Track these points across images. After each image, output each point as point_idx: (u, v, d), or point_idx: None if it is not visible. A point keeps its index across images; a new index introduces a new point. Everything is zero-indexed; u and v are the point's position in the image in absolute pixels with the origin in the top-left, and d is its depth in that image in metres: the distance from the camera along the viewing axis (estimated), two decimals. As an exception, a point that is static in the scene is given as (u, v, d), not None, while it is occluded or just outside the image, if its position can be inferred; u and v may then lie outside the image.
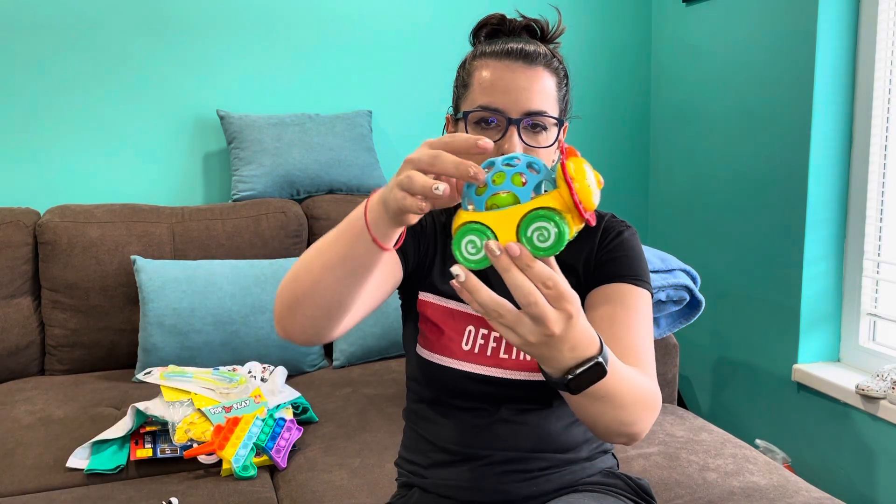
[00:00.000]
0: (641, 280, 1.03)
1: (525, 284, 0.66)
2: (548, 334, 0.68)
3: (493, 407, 1.03)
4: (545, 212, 0.67)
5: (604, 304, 1.00)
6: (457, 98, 1.04)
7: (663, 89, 2.78)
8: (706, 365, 2.61)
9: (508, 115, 0.94)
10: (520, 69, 0.96)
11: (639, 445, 1.62)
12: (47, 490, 1.48)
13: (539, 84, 0.96)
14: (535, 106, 0.95)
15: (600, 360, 0.74)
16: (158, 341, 1.93)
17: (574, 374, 0.73)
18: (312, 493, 1.45)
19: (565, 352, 0.71)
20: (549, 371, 0.75)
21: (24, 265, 2.04)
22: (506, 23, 1.03)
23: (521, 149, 0.94)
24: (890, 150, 2.04)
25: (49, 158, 2.29)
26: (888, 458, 1.95)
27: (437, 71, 2.62)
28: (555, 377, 0.75)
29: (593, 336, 0.74)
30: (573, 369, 0.73)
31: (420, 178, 0.68)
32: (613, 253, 1.04)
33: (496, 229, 0.68)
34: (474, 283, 0.68)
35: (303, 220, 2.24)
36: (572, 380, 0.73)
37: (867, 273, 2.09)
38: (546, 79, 0.97)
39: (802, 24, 2.10)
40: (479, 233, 0.69)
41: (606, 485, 1.09)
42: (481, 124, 0.96)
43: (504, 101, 0.95)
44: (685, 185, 2.69)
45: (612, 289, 1.01)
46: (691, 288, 1.82)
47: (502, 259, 0.66)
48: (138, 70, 2.34)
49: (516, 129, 0.94)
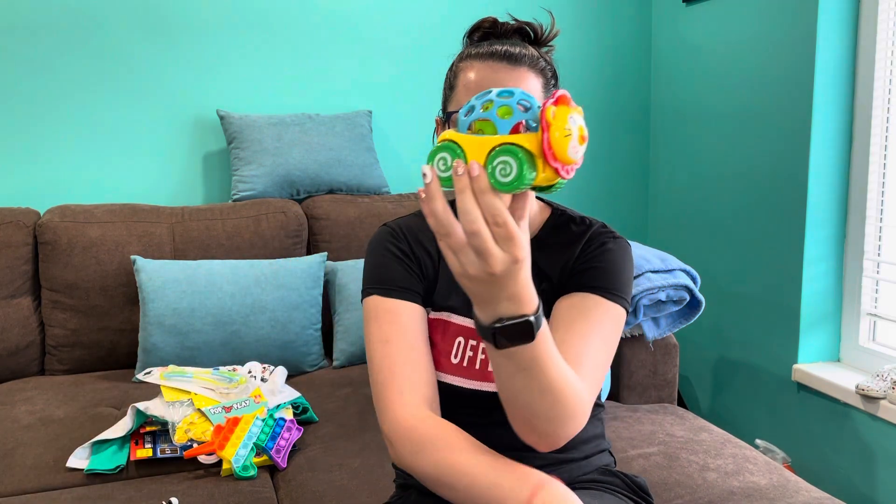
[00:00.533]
0: (614, 294, 0.99)
1: (472, 211, 0.67)
2: (489, 272, 0.68)
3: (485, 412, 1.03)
4: (514, 148, 0.67)
5: (566, 310, 0.97)
6: (445, 100, 1.03)
7: (663, 89, 2.78)
8: (706, 365, 2.61)
9: None
10: (503, 70, 0.95)
11: (639, 445, 1.62)
12: (47, 490, 1.48)
13: (523, 85, 0.95)
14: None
15: (531, 319, 0.73)
16: (158, 341, 1.93)
17: (502, 324, 0.73)
18: (312, 493, 1.45)
19: (502, 299, 0.72)
20: (481, 315, 0.75)
21: (24, 265, 2.04)
22: (498, 26, 1.03)
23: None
24: (890, 150, 2.04)
25: (49, 158, 2.29)
26: (888, 458, 1.95)
27: (438, 71, 2.62)
28: (485, 323, 0.75)
29: (533, 295, 0.73)
30: (503, 319, 0.73)
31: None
32: (591, 262, 1.01)
33: (468, 152, 0.69)
34: (434, 190, 0.69)
35: (303, 220, 2.24)
36: (499, 329, 0.73)
37: (867, 273, 2.09)
38: (530, 80, 0.96)
39: (802, 24, 2.10)
40: (452, 151, 0.70)
41: (603, 482, 1.09)
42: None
43: None
44: (685, 185, 2.69)
45: (579, 297, 0.98)
46: (691, 288, 1.82)
47: (462, 179, 0.67)
48: (138, 70, 2.34)
49: None
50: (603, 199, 2.85)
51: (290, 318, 2.02)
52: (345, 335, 2.09)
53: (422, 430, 0.92)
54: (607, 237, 1.04)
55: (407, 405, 0.95)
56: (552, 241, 1.05)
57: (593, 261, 1.01)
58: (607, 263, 1.01)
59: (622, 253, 1.03)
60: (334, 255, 2.23)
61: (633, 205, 2.91)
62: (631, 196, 2.91)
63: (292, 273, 2.05)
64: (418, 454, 0.90)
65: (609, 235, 1.04)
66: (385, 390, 0.96)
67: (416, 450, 0.91)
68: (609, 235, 1.04)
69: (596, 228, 1.05)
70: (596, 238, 1.03)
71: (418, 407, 0.95)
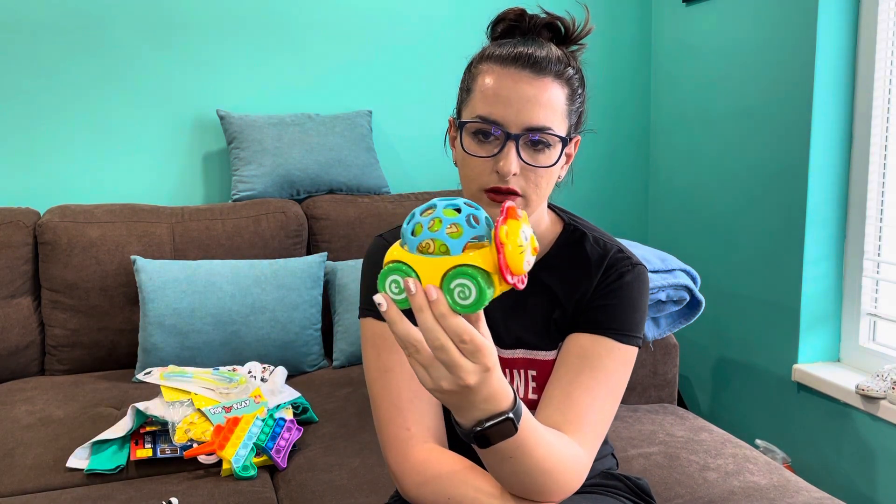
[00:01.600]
0: (628, 334, 0.95)
1: (434, 329, 0.66)
2: (462, 384, 0.68)
3: None
4: (470, 269, 0.66)
5: (575, 357, 0.94)
6: (460, 102, 0.97)
7: (663, 89, 2.78)
8: (706, 365, 2.61)
9: (507, 130, 0.87)
10: (525, 79, 0.88)
11: (639, 445, 1.62)
12: (47, 490, 1.48)
13: (546, 96, 0.88)
14: (537, 121, 0.88)
15: (511, 415, 0.73)
16: (158, 341, 1.93)
17: (483, 427, 0.72)
18: (312, 493, 1.45)
19: (478, 403, 0.71)
20: (461, 421, 0.74)
21: (24, 265, 2.04)
22: (525, 19, 0.95)
23: (517, 167, 0.88)
24: (890, 150, 2.04)
25: (49, 158, 2.29)
26: (888, 458, 1.95)
27: (437, 71, 2.62)
28: (465, 428, 0.74)
29: (508, 390, 0.73)
30: (483, 422, 0.72)
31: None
32: (607, 299, 0.96)
33: (421, 275, 0.67)
34: (393, 315, 0.68)
35: (303, 220, 2.24)
36: (480, 432, 0.73)
37: (867, 273, 2.09)
38: (554, 90, 0.89)
39: (802, 24, 2.10)
40: (403, 273, 0.68)
41: (606, 486, 1.09)
42: (479, 136, 0.90)
43: (504, 114, 0.88)
44: (685, 185, 2.69)
45: (590, 342, 0.94)
46: (691, 288, 1.82)
47: (417, 298, 0.66)
48: (138, 70, 2.34)
49: (515, 146, 0.88)
50: (603, 199, 2.85)
51: (290, 318, 2.02)
52: (345, 335, 2.09)
53: (432, 466, 0.90)
54: (625, 267, 0.97)
55: (415, 440, 0.93)
56: (564, 261, 1.00)
57: (609, 296, 0.96)
58: (623, 300, 0.96)
59: (639, 285, 0.98)
60: (334, 255, 2.23)
61: (633, 205, 2.91)
62: (631, 196, 2.91)
63: (292, 273, 2.05)
64: (424, 486, 0.89)
65: (627, 264, 0.98)
66: (390, 426, 0.94)
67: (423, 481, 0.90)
68: (627, 264, 0.98)
69: (613, 255, 0.99)
70: (613, 268, 0.97)
71: (426, 441, 0.93)
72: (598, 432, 0.91)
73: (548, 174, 0.91)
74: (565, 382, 0.91)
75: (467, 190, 0.93)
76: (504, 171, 0.88)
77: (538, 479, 0.80)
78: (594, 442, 0.90)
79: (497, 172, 0.89)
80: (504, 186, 0.89)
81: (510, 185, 0.89)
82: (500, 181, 0.89)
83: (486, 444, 0.74)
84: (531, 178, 0.90)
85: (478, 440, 0.74)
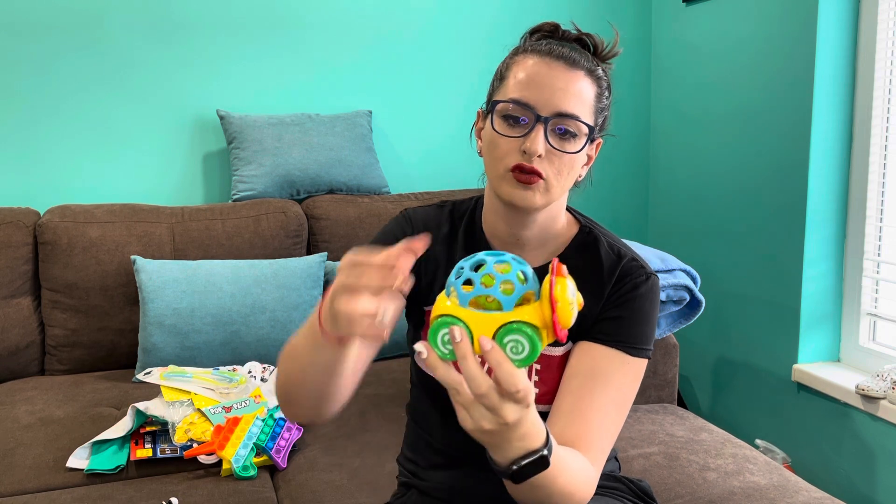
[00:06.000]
0: (639, 347, 0.96)
1: (478, 377, 0.68)
2: (503, 423, 0.69)
3: None
4: (524, 326, 0.68)
5: (585, 370, 0.94)
6: (491, 92, 0.99)
7: (663, 89, 2.78)
8: (706, 365, 2.61)
9: (538, 112, 0.90)
10: (559, 68, 0.92)
11: (639, 445, 1.62)
12: (47, 490, 1.48)
13: (577, 87, 0.92)
14: (568, 108, 0.91)
15: (545, 452, 0.74)
16: (158, 341, 1.93)
17: (519, 465, 0.74)
18: (312, 493, 1.45)
19: (514, 441, 0.72)
20: (497, 458, 0.75)
21: (24, 265, 2.04)
22: (558, 32, 1.00)
23: (544, 148, 0.90)
24: (890, 150, 2.04)
25: (49, 158, 2.29)
26: (888, 458, 1.95)
27: (437, 71, 2.62)
28: (501, 466, 0.75)
29: (541, 428, 0.75)
30: (519, 460, 0.74)
31: (358, 316, 0.69)
32: (620, 310, 0.96)
33: (473, 329, 0.69)
34: (434, 361, 0.70)
35: (303, 220, 2.24)
36: (517, 470, 0.74)
37: (867, 273, 2.09)
38: (585, 84, 0.93)
39: (802, 24, 2.10)
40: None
41: (608, 488, 1.09)
42: (508, 120, 0.92)
43: (537, 98, 0.91)
44: (685, 185, 2.69)
45: (601, 354, 0.95)
46: (691, 288, 1.82)
47: (462, 345, 0.68)
48: (138, 70, 2.34)
49: (543, 129, 0.90)
50: (603, 199, 2.85)
51: (290, 318, 2.01)
52: (345, 335, 2.09)
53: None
54: (639, 277, 0.98)
55: None
56: (577, 263, 0.99)
57: (622, 308, 0.97)
58: (635, 312, 0.97)
59: (652, 297, 0.98)
60: (334, 255, 2.23)
61: (633, 205, 2.91)
62: (631, 196, 2.91)
63: (292, 273, 2.05)
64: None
65: (641, 274, 0.98)
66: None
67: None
68: (641, 274, 0.98)
69: (627, 263, 0.99)
70: (627, 277, 0.98)
71: None
72: (606, 448, 0.92)
73: (571, 162, 0.94)
74: (577, 397, 0.92)
75: (493, 171, 0.95)
76: (531, 150, 0.90)
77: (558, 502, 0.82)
78: (602, 458, 0.92)
79: (524, 152, 0.91)
80: (528, 165, 0.91)
81: (535, 166, 0.91)
82: (526, 160, 0.91)
83: (521, 480, 0.75)
84: (555, 162, 0.92)
85: (512, 477, 0.75)
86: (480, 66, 2.62)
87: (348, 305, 0.69)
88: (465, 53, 2.64)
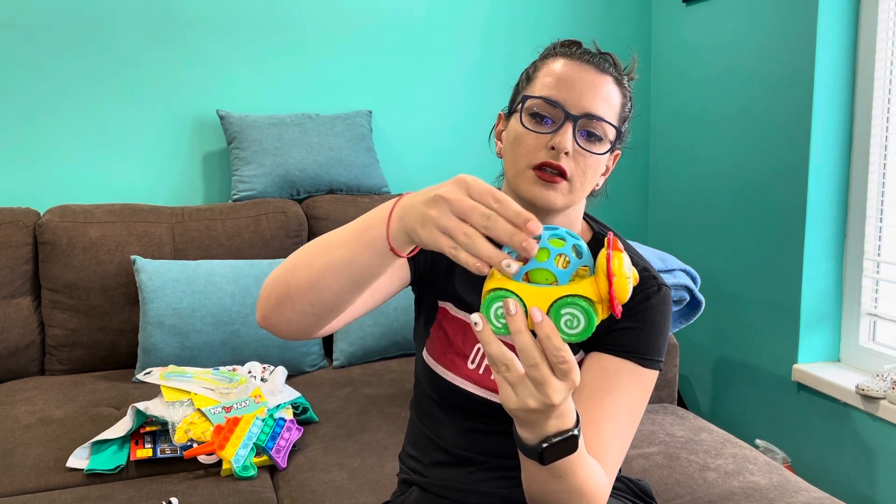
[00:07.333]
0: (651, 359, 0.96)
1: (531, 350, 0.67)
2: (548, 402, 0.69)
3: (493, 421, 1.02)
4: (580, 300, 0.67)
5: (598, 382, 0.94)
6: (515, 94, 0.99)
7: (663, 89, 2.78)
8: (706, 365, 2.61)
9: (568, 110, 0.91)
10: (590, 71, 0.93)
11: (639, 445, 1.62)
12: (47, 490, 1.48)
13: (605, 90, 0.93)
14: (596, 109, 0.92)
15: (576, 432, 0.74)
16: (158, 341, 1.93)
17: (550, 443, 0.73)
18: (312, 493, 1.45)
19: (552, 419, 0.72)
20: (527, 437, 0.75)
21: (24, 265, 2.04)
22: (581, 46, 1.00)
23: (571, 146, 0.90)
24: (890, 150, 2.04)
25: (49, 158, 2.29)
26: (888, 458, 1.95)
27: (437, 71, 2.62)
28: (531, 444, 0.75)
29: (573, 408, 0.74)
30: (550, 437, 0.73)
31: (487, 248, 0.64)
32: (632, 321, 0.96)
33: (528, 302, 0.68)
34: (488, 336, 0.69)
35: (303, 220, 2.24)
36: (547, 448, 0.73)
37: (867, 273, 2.09)
38: (613, 89, 0.95)
39: (802, 24, 2.10)
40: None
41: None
42: (536, 118, 0.93)
43: (566, 96, 0.92)
44: (685, 185, 2.69)
45: (613, 364, 0.95)
46: (691, 288, 1.82)
47: (517, 319, 0.67)
48: (138, 70, 2.34)
49: (572, 127, 0.91)
50: (603, 199, 2.84)
51: (290, 318, 2.01)
52: (344, 335, 2.09)
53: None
54: (651, 288, 0.98)
55: None
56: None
57: (634, 318, 0.96)
58: (647, 323, 0.97)
59: (663, 307, 0.98)
60: (334, 255, 2.23)
61: (633, 205, 2.91)
62: (631, 196, 2.91)
63: (292, 273, 2.05)
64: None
65: (653, 285, 0.98)
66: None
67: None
68: (653, 285, 0.98)
69: (639, 274, 0.99)
70: (639, 287, 0.98)
71: None
72: (618, 459, 0.92)
73: (595, 164, 0.94)
74: (588, 408, 0.92)
75: (514, 168, 0.95)
76: (560, 146, 0.90)
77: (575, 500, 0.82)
78: (614, 469, 0.92)
79: (552, 148, 0.91)
80: (555, 163, 0.91)
81: (560, 164, 0.91)
82: (553, 157, 0.91)
83: (549, 460, 0.75)
84: (581, 162, 0.93)
85: (541, 457, 0.74)
86: (480, 66, 2.62)
87: (475, 243, 0.65)
88: (465, 53, 2.64)
